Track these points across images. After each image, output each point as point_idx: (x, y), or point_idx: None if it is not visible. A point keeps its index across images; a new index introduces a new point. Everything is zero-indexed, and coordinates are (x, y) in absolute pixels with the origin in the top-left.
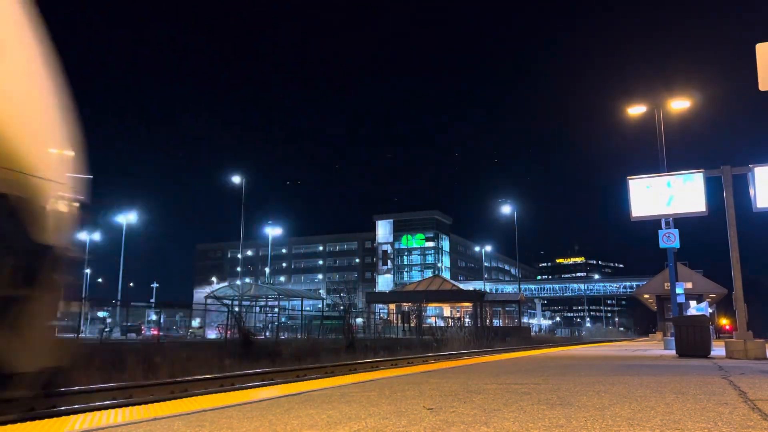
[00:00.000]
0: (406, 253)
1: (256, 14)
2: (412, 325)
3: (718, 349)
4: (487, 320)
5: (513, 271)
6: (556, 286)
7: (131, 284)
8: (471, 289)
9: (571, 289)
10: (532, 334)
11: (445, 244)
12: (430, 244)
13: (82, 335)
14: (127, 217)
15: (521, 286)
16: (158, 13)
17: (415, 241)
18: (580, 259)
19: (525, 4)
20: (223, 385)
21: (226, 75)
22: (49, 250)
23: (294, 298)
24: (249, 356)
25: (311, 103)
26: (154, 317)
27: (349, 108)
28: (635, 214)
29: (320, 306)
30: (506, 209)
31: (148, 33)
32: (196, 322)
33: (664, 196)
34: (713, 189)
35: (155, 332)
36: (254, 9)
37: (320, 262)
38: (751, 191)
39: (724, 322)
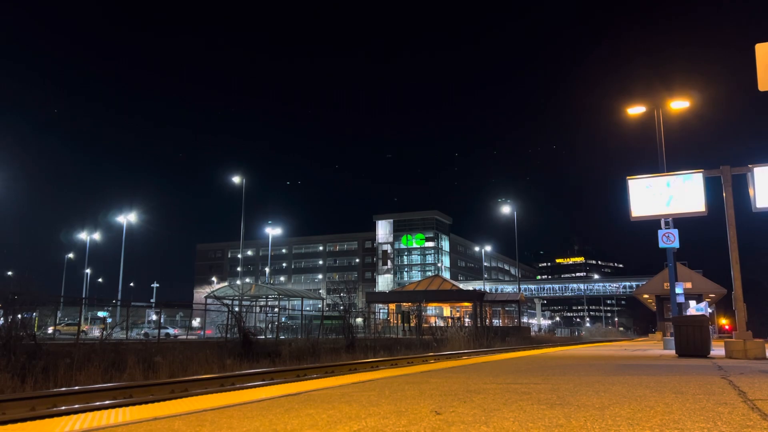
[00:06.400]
0: (406, 253)
1: (257, 14)
2: (412, 325)
3: (717, 349)
4: (487, 320)
5: (513, 271)
6: (556, 286)
7: (131, 284)
8: (471, 289)
9: (571, 289)
10: (532, 334)
11: (445, 244)
12: (430, 244)
13: (82, 334)
14: (128, 217)
15: (521, 286)
16: (160, 13)
17: (415, 241)
18: (579, 259)
19: (526, 4)
20: (224, 385)
21: (227, 75)
22: None
23: (294, 298)
24: (249, 356)
25: (311, 103)
26: (154, 317)
27: (350, 108)
28: (635, 214)
29: (320, 306)
30: (506, 209)
31: (150, 34)
32: (196, 322)
33: (663, 196)
34: (713, 189)
35: (209, 332)
36: (255, 9)
37: (320, 262)
38: (751, 191)
39: (724, 321)
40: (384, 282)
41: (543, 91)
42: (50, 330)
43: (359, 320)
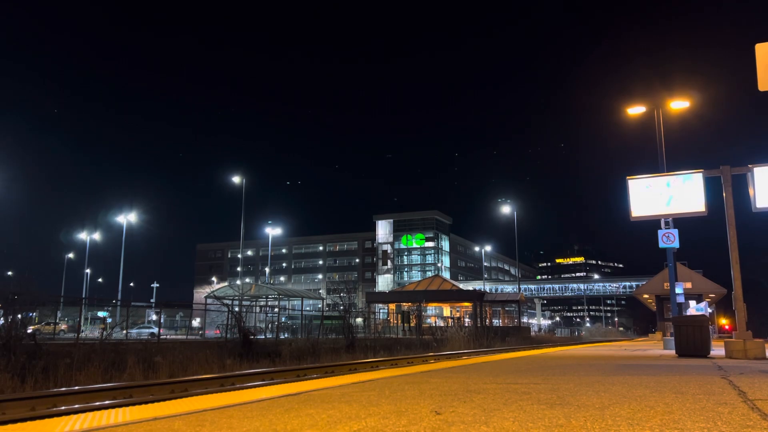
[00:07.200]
0: (406, 253)
1: (257, 14)
2: (412, 325)
3: (717, 349)
4: (487, 320)
5: (513, 271)
6: (556, 286)
7: (131, 284)
8: (471, 289)
9: (571, 289)
10: (532, 333)
11: (445, 244)
12: (430, 244)
13: (82, 334)
14: (128, 217)
15: (521, 286)
16: (160, 13)
17: (415, 241)
18: (579, 259)
19: (526, 4)
20: (224, 385)
21: (227, 75)
22: None
23: (294, 298)
24: (249, 356)
25: (311, 103)
26: (154, 317)
27: (350, 108)
28: (635, 214)
29: (320, 306)
30: (506, 209)
31: (150, 34)
32: (196, 322)
33: (663, 196)
34: (713, 189)
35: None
36: (255, 9)
37: (320, 262)
38: (751, 191)
39: (724, 321)
40: (384, 282)
41: (543, 91)
42: (29, 330)
43: (359, 320)
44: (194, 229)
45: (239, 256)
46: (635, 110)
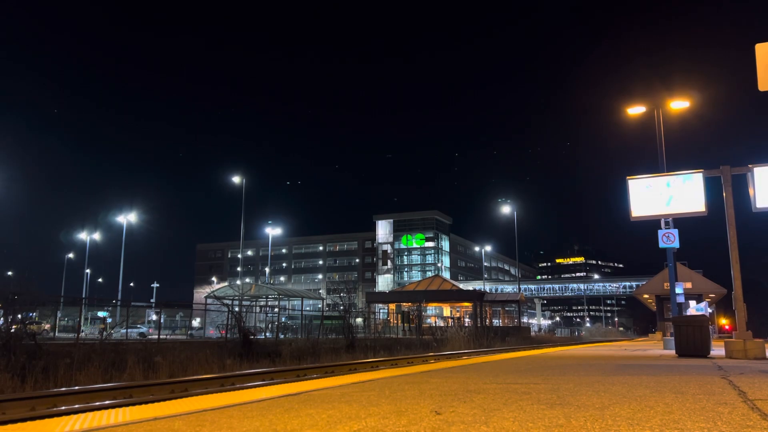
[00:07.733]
0: (406, 253)
1: (257, 14)
2: (412, 325)
3: (717, 349)
4: (487, 320)
5: (513, 271)
6: (556, 286)
7: (131, 284)
8: (471, 289)
9: (571, 289)
10: (532, 334)
11: (445, 244)
12: (430, 244)
13: (82, 334)
14: (128, 217)
15: (521, 286)
16: (160, 13)
17: (415, 241)
18: (579, 259)
19: (526, 4)
20: (224, 385)
21: (227, 75)
22: None
23: (294, 298)
24: (249, 356)
25: (311, 103)
26: (154, 317)
27: (350, 108)
28: (635, 214)
29: (320, 306)
30: (506, 209)
31: (150, 34)
32: (196, 322)
33: (663, 196)
34: (713, 189)
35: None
36: (255, 9)
37: (320, 262)
38: (751, 191)
39: (724, 321)
40: (384, 282)
41: (543, 91)
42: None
43: (359, 320)
44: (194, 229)
45: (239, 256)
46: (635, 110)
